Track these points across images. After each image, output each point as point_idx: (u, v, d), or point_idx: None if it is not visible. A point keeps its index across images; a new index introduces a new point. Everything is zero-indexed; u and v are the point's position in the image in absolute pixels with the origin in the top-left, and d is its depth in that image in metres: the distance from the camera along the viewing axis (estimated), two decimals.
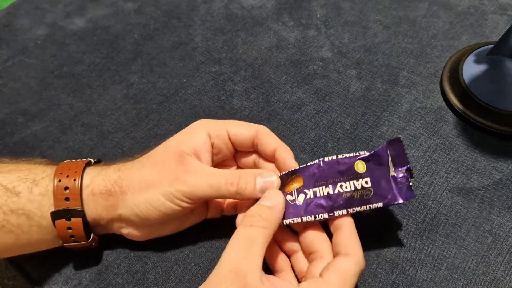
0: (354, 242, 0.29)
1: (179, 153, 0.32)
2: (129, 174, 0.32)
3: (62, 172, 0.32)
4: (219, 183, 0.31)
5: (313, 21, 0.52)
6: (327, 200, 0.31)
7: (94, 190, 0.32)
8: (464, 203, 0.38)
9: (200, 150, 0.33)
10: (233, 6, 0.54)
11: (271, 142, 0.34)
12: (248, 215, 0.30)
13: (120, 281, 0.35)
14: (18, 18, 0.55)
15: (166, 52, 0.50)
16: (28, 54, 0.51)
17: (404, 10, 0.52)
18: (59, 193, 0.31)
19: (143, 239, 0.35)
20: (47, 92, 0.47)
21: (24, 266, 0.37)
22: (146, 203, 0.31)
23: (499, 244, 0.35)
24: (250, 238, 0.28)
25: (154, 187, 0.31)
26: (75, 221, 0.31)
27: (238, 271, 0.26)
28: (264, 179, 0.31)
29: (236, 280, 0.26)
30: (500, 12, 0.50)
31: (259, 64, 0.48)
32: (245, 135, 0.34)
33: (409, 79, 0.46)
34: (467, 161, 0.40)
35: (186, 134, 0.33)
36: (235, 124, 0.34)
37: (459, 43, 0.48)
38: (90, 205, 0.32)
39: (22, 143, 0.44)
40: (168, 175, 0.31)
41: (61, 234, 0.32)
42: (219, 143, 0.34)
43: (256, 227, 0.29)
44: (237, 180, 0.31)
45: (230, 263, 0.27)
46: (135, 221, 0.33)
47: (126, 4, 0.55)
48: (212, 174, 0.31)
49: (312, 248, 0.31)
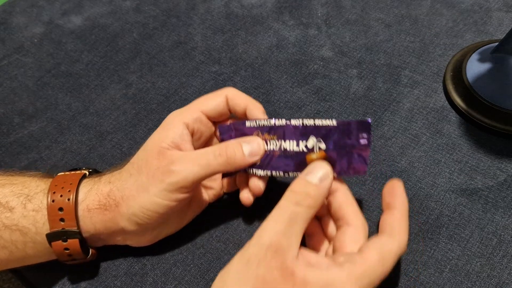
0: (403, 225, 0.28)
1: (160, 150, 0.31)
2: (120, 185, 0.32)
3: (56, 191, 0.31)
4: (208, 159, 0.31)
5: (314, 20, 0.51)
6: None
7: (89, 206, 0.31)
8: (468, 204, 0.37)
9: (180, 142, 0.32)
10: (233, 5, 0.53)
11: (241, 101, 0.34)
12: (293, 190, 0.28)
13: (118, 284, 0.35)
14: (14, 16, 0.54)
15: (165, 51, 0.49)
16: (24, 52, 0.50)
17: (406, 8, 0.51)
18: (54, 214, 0.30)
19: (151, 243, 0.35)
20: (44, 91, 0.47)
21: (20, 269, 0.36)
22: (143, 209, 0.31)
23: (504, 246, 0.35)
24: (295, 215, 0.27)
25: (145, 191, 0.31)
26: (71, 241, 0.31)
27: (278, 248, 0.26)
28: (250, 144, 0.32)
29: (275, 257, 0.25)
30: (505, 10, 0.50)
31: (259, 63, 0.48)
32: (219, 105, 0.34)
33: (411, 78, 0.45)
34: (471, 161, 0.39)
35: (162, 131, 0.33)
36: (205, 100, 0.34)
37: (463, 41, 0.47)
38: (86, 222, 0.31)
39: (18, 144, 0.43)
40: (155, 175, 0.30)
41: (58, 254, 0.31)
42: (199, 127, 0.34)
43: (302, 206, 0.27)
44: (224, 150, 0.31)
45: (272, 237, 0.26)
46: (137, 230, 0.32)
47: (125, 2, 0.55)
48: (198, 154, 0.31)
49: (341, 214, 0.30)
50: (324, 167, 0.29)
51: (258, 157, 0.32)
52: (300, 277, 0.25)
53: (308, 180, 0.29)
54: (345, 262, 0.26)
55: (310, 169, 0.30)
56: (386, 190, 0.31)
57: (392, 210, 0.29)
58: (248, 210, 0.38)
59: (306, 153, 0.31)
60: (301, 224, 0.27)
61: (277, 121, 0.32)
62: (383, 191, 0.31)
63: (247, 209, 0.38)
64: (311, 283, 0.25)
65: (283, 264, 0.25)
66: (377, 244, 0.27)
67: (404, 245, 0.28)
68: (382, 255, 0.27)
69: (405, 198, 0.30)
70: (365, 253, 0.27)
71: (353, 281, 0.25)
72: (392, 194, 0.30)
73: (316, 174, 0.29)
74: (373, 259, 0.26)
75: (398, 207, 0.29)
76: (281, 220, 0.27)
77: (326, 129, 0.31)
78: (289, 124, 0.32)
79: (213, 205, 0.38)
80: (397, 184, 0.30)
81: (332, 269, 0.26)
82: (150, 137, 0.33)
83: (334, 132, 0.30)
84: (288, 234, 0.26)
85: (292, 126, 0.32)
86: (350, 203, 0.30)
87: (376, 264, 0.26)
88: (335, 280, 0.25)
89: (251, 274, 0.25)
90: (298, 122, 0.31)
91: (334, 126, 0.30)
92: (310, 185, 0.28)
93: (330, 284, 0.25)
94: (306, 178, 0.29)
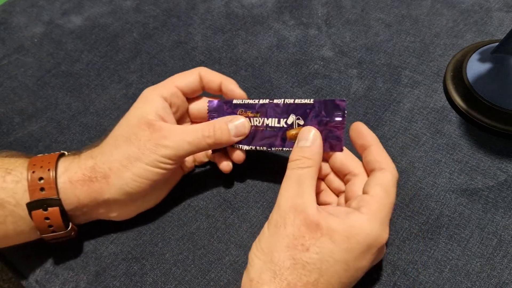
0: (384, 156, 0.32)
1: (148, 122, 0.33)
2: (105, 158, 0.33)
3: (36, 164, 0.32)
4: (197, 138, 0.33)
5: (314, 20, 0.51)
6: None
7: (71, 178, 0.32)
8: (468, 204, 0.37)
9: (163, 114, 0.34)
10: (233, 5, 0.53)
11: (215, 78, 0.36)
12: (292, 159, 0.31)
13: (117, 284, 0.35)
14: (14, 16, 0.54)
15: (165, 51, 0.49)
16: (24, 52, 0.50)
17: (406, 8, 0.51)
18: (34, 184, 0.31)
19: (131, 216, 0.36)
20: (44, 91, 0.47)
21: (20, 269, 0.36)
22: (135, 177, 0.32)
23: (504, 246, 0.35)
24: (300, 177, 0.30)
25: (137, 160, 0.32)
26: (52, 210, 0.32)
27: (297, 206, 0.29)
28: (235, 123, 0.35)
29: (297, 215, 0.28)
30: (506, 10, 0.50)
31: (259, 63, 0.48)
32: (192, 82, 0.36)
33: (412, 78, 0.45)
34: (471, 161, 0.39)
35: (142, 105, 0.34)
36: (179, 77, 0.36)
37: (463, 42, 0.47)
38: (68, 194, 0.32)
39: (18, 143, 0.43)
40: (147, 145, 0.32)
41: (39, 224, 0.32)
42: (176, 101, 0.36)
43: (302, 168, 0.30)
44: (212, 131, 0.34)
45: (288, 201, 0.29)
46: (124, 199, 0.33)
47: (125, 2, 0.55)
48: (188, 132, 0.33)
49: (345, 169, 0.34)
50: (310, 130, 0.32)
51: (244, 136, 0.35)
52: (326, 226, 0.28)
53: (301, 145, 0.32)
54: (359, 205, 0.29)
55: (300, 137, 0.32)
56: (353, 135, 0.33)
57: (369, 148, 0.32)
58: (250, 211, 0.38)
59: (286, 129, 0.34)
60: (308, 183, 0.30)
61: (262, 100, 0.35)
62: (351, 137, 0.33)
63: (249, 210, 0.38)
64: (336, 230, 0.28)
65: (307, 220, 0.28)
66: (376, 181, 0.30)
67: (395, 171, 0.31)
68: (384, 187, 0.30)
69: (372, 133, 0.33)
70: (371, 192, 0.30)
71: (372, 219, 0.29)
72: (360, 135, 0.33)
73: (307, 138, 0.32)
74: (380, 195, 0.30)
75: (372, 143, 0.32)
76: (291, 185, 0.30)
77: (304, 107, 0.33)
78: (272, 102, 0.35)
79: (214, 205, 0.38)
80: (360, 125, 0.33)
81: (351, 214, 0.29)
82: (129, 112, 0.35)
83: (311, 109, 0.33)
84: (300, 193, 0.29)
85: (274, 104, 0.34)
86: (350, 157, 0.34)
87: (384, 197, 0.30)
88: (356, 222, 0.28)
89: (281, 235, 0.28)
90: (279, 101, 0.34)
91: (311, 103, 0.33)
92: (304, 148, 0.31)
93: (353, 226, 0.28)
94: (298, 145, 0.32)
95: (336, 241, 0.28)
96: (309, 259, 0.27)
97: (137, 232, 0.37)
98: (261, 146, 0.35)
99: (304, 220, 0.28)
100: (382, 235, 0.29)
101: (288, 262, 0.28)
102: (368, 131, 0.33)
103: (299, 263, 0.27)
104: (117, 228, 0.37)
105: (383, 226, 0.29)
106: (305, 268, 0.27)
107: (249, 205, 0.38)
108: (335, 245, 0.28)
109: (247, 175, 0.40)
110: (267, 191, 0.39)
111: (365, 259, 0.29)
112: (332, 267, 0.28)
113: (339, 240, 0.28)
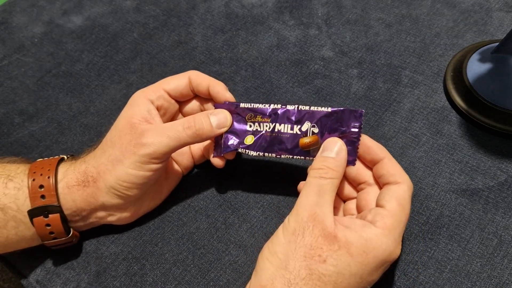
0: (398, 169, 0.31)
1: (131, 124, 0.33)
2: (94, 162, 0.33)
3: (36, 171, 0.33)
4: (177, 131, 0.33)
5: (314, 19, 0.51)
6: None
7: (68, 183, 0.33)
8: (468, 205, 0.37)
9: (148, 116, 0.34)
10: (233, 5, 0.53)
11: (203, 81, 0.36)
12: (315, 167, 0.31)
13: (118, 284, 0.35)
14: (14, 16, 0.54)
15: (165, 51, 0.49)
16: (24, 52, 0.50)
17: (406, 8, 0.51)
18: (35, 192, 0.32)
19: (131, 220, 0.36)
20: (45, 91, 0.47)
21: (20, 269, 0.36)
22: (119, 181, 0.32)
23: (505, 246, 0.35)
24: (321, 187, 0.30)
25: (119, 163, 0.32)
26: (52, 217, 0.32)
27: (316, 216, 0.28)
28: (217, 116, 0.34)
29: (316, 225, 0.28)
30: (506, 10, 0.50)
31: (259, 63, 0.48)
32: (181, 85, 0.36)
33: (412, 78, 0.45)
34: (471, 161, 0.39)
35: (129, 108, 0.35)
36: (168, 80, 0.36)
37: (463, 42, 0.47)
38: (67, 199, 0.32)
39: (19, 144, 0.43)
40: (127, 147, 0.32)
41: (40, 231, 0.32)
42: (163, 103, 0.36)
43: (325, 178, 0.30)
44: (192, 122, 0.33)
45: (307, 210, 0.29)
46: (118, 203, 0.33)
47: (125, 2, 0.55)
48: (168, 126, 0.33)
49: (360, 179, 0.33)
50: (337, 142, 0.32)
51: (226, 128, 0.34)
52: (343, 239, 0.28)
53: (325, 155, 0.31)
54: (375, 219, 0.29)
55: (324, 147, 0.32)
56: (362, 151, 0.32)
57: (381, 162, 0.32)
58: (250, 211, 0.38)
59: (300, 136, 0.33)
60: (329, 194, 0.30)
61: (272, 105, 0.34)
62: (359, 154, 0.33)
63: (249, 210, 0.38)
64: (354, 243, 0.28)
65: (325, 231, 0.28)
66: (391, 194, 0.30)
67: (410, 183, 0.31)
68: (399, 201, 0.30)
69: (379, 145, 0.32)
70: (387, 206, 0.30)
71: (387, 233, 0.29)
72: (368, 150, 0.32)
73: (332, 149, 0.31)
74: (396, 209, 0.29)
75: (382, 156, 0.32)
76: (311, 194, 0.30)
77: (320, 115, 0.32)
78: (284, 107, 0.34)
79: (214, 205, 0.38)
80: (365, 139, 0.32)
81: (368, 228, 0.29)
82: (119, 116, 0.35)
83: (327, 118, 0.32)
84: (320, 204, 0.29)
85: (287, 110, 0.33)
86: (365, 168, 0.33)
87: (399, 211, 0.29)
88: (373, 236, 0.28)
89: (299, 244, 0.28)
90: (293, 107, 0.33)
91: (328, 112, 0.32)
92: (329, 159, 0.31)
93: (370, 240, 0.28)
94: (323, 155, 0.31)
95: (353, 255, 0.28)
96: (325, 271, 0.27)
97: (137, 232, 0.37)
98: (270, 152, 0.34)
99: (322, 231, 0.28)
100: (395, 251, 0.29)
101: (304, 272, 0.27)
102: (375, 144, 0.32)
103: (315, 274, 0.27)
104: (117, 228, 0.37)
105: (397, 243, 0.29)
106: (321, 279, 0.27)
107: (249, 205, 0.38)
108: (352, 258, 0.28)
109: (247, 175, 0.40)
110: (267, 191, 0.39)
111: (377, 273, 0.29)
112: (346, 280, 0.28)
113: (356, 253, 0.28)
